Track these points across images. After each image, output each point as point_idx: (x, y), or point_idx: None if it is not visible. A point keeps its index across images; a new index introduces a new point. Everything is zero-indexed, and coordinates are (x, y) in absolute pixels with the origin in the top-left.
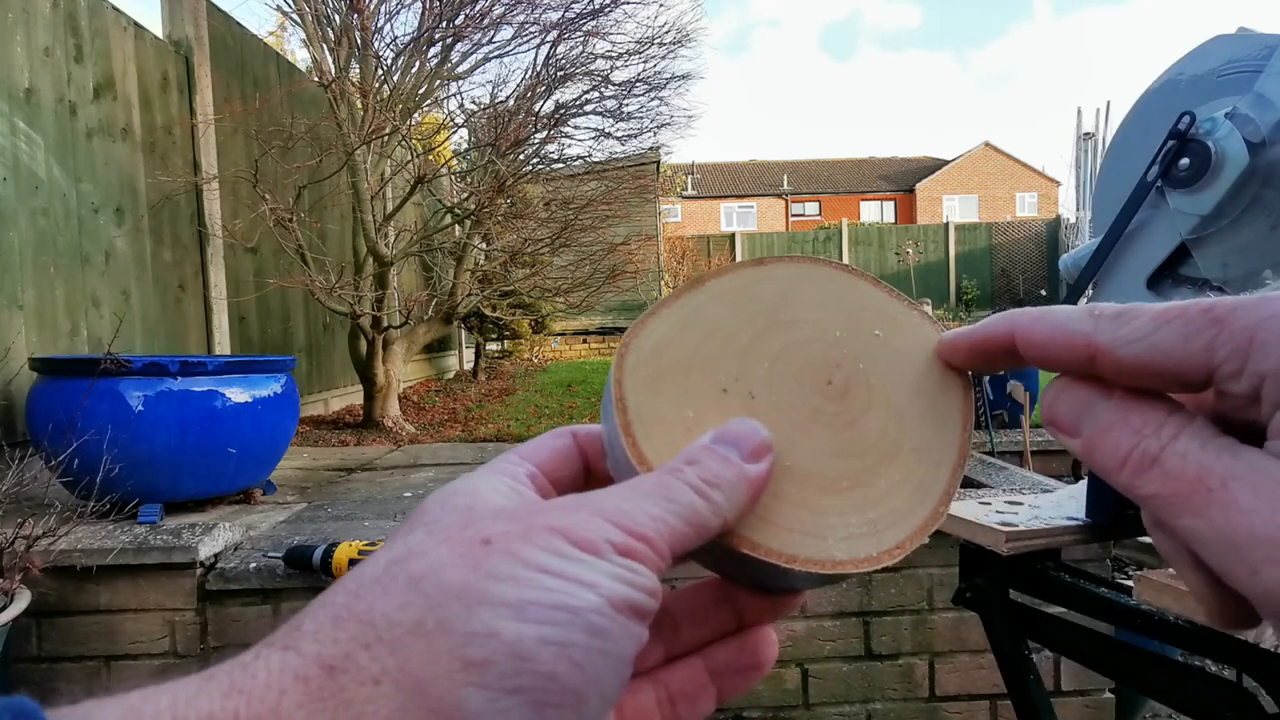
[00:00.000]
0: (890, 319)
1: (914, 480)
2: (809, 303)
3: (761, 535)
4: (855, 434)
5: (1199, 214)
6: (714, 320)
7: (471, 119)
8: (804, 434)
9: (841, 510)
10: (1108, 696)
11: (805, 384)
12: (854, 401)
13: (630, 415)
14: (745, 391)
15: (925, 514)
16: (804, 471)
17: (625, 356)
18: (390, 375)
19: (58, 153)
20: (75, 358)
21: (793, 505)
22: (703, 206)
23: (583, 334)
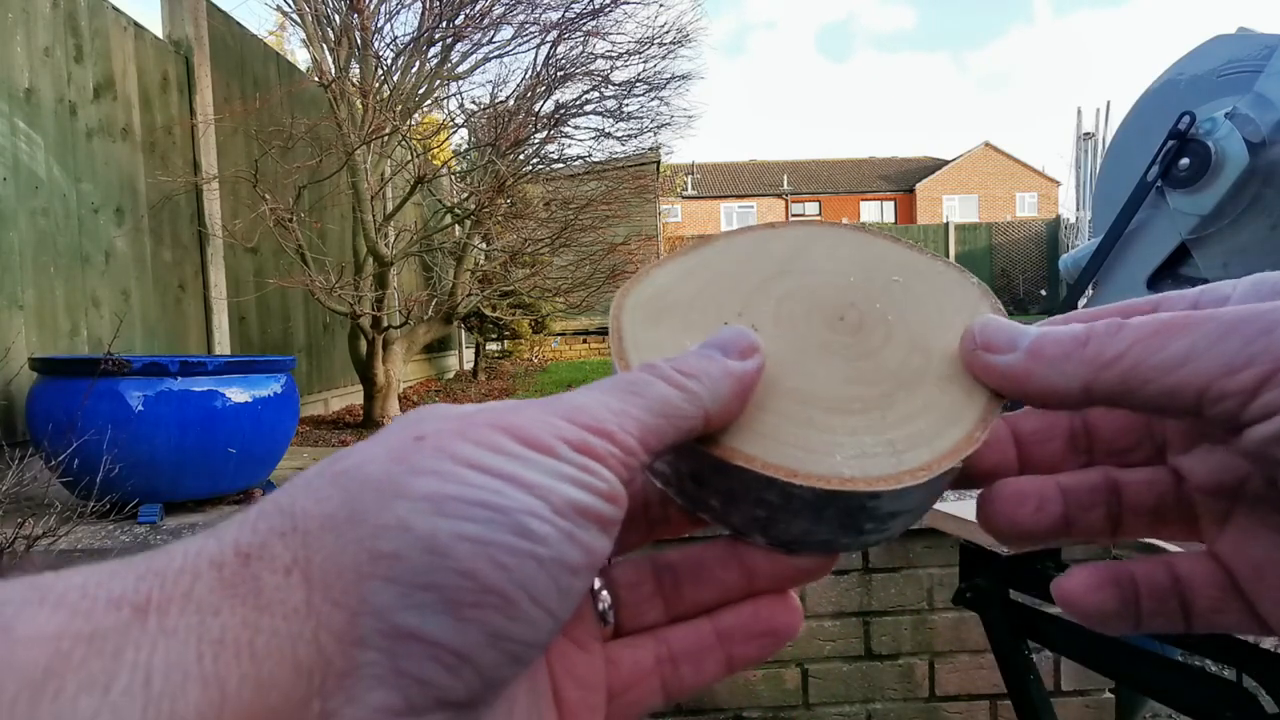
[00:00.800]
0: (910, 268)
1: (941, 406)
2: (821, 255)
3: (759, 449)
4: (871, 364)
5: (1199, 214)
6: (720, 269)
7: (471, 119)
8: (812, 361)
9: (853, 429)
10: (1108, 696)
11: (815, 320)
12: (870, 336)
13: (626, 343)
14: (748, 324)
15: (956, 437)
16: (810, 393)
17: (626, 297)
18: (390, 375)
19: (58, 153)
20: (75, 358)
21: (797, 423)
22: (703, 206)
23: (583, 334)
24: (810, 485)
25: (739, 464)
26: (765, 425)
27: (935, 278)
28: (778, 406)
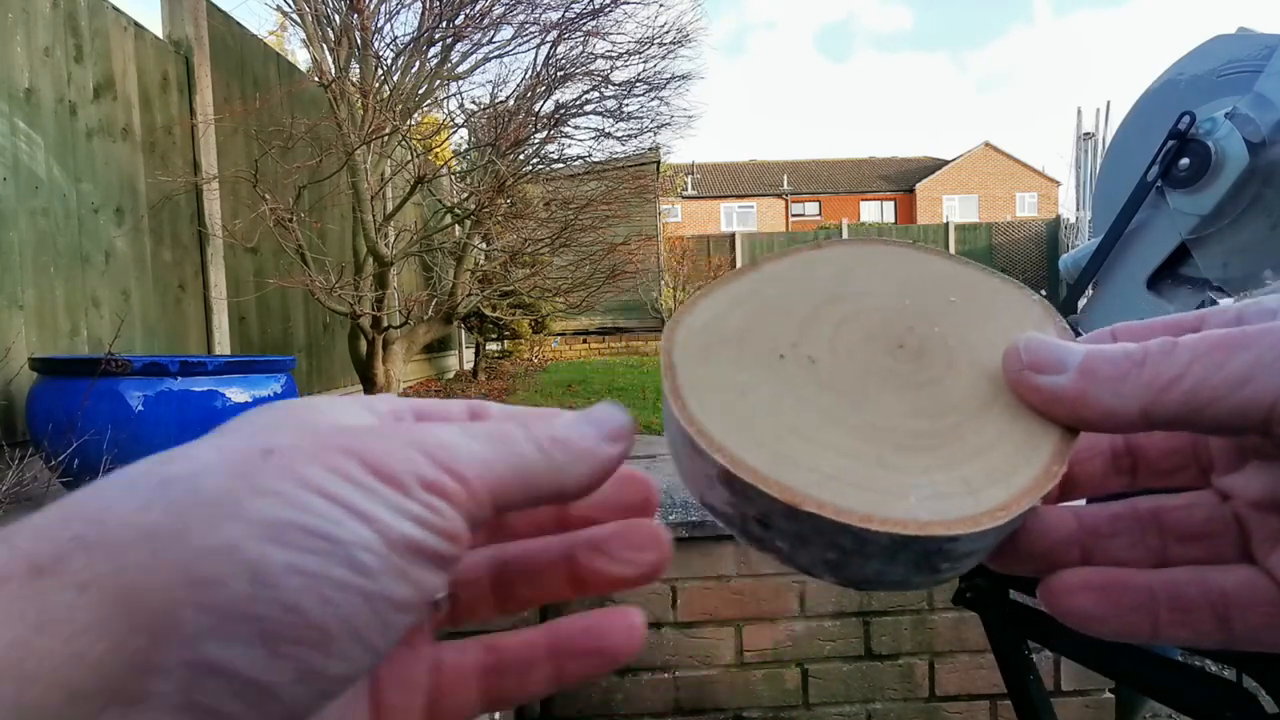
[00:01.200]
0: (965, 285)
1: (1013, 438)
2: (871, 276)
3: (829, 493)
4: (937, 392)
5: (1199, 214)
6: (769, 298)
7: (471, 119)
8: (875, 393)
9: (926, 468)
10: (1108, 696)
11: (874, 348)
12: (932, 363)
13: (680, 380)
14: (804, 356)
15: (1034, 471)
16: (877, 429)
17: (675, 331)
18: (390, 375)
19: (58, 153)
20: (75, 358)
21: (866, 463)
22: (703, 206)
23: (583, 334)
24: (886, 531)
25: (810, 510)
26: (834, 465)
27: (993, 296)
28: (844, 445)
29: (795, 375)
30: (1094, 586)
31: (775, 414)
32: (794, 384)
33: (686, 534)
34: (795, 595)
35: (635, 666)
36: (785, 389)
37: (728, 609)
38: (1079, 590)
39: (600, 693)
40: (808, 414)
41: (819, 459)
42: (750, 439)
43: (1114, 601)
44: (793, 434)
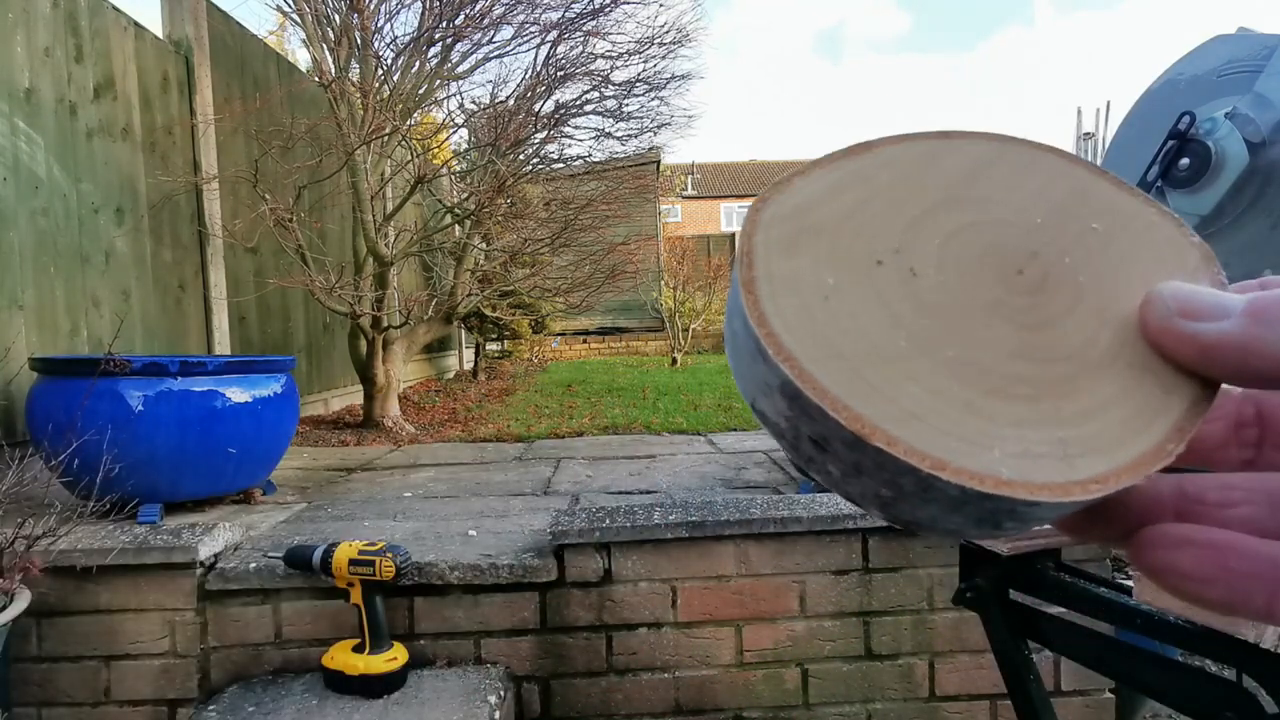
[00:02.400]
0: (1115, 213)
1: (1130, 404)
2: (1004, 183)
3: (906, 431)
4: (1049, 337)
5: (1199, 214)
6: (878, 185)
7: (471, 119)
8: (978, 324)
9: (1019, 421)
10: (1108, 696)
11: (987, 270)
12: (1052, 299)
13: (756, 270)
14: (905, 266)
15: (1145, 447)
16: (972, 367)
17: (761, 211)
18: (390, 375)
19: (58, 153)
20: (75, 358)
21: (953, 405)
22: (703, 206)
23: (583, 334)
24: (960, 483)
25: (878, 445)
26: (914, 400)
27: (1145, 231)
28: (932, 379)
29: (891, 288)
30: (1199, 544)
31: (859, 329)
32: (888, 298)
33: (686, 534)
34: (795, 595)
35: (635, 666)
36: (876, 302)
37: (728, 609)
38: (1179, 545)
39: (600, 692)
40: (896, 336)
41: (899, 390)
42: (824, 353)
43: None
44: (875, 356)
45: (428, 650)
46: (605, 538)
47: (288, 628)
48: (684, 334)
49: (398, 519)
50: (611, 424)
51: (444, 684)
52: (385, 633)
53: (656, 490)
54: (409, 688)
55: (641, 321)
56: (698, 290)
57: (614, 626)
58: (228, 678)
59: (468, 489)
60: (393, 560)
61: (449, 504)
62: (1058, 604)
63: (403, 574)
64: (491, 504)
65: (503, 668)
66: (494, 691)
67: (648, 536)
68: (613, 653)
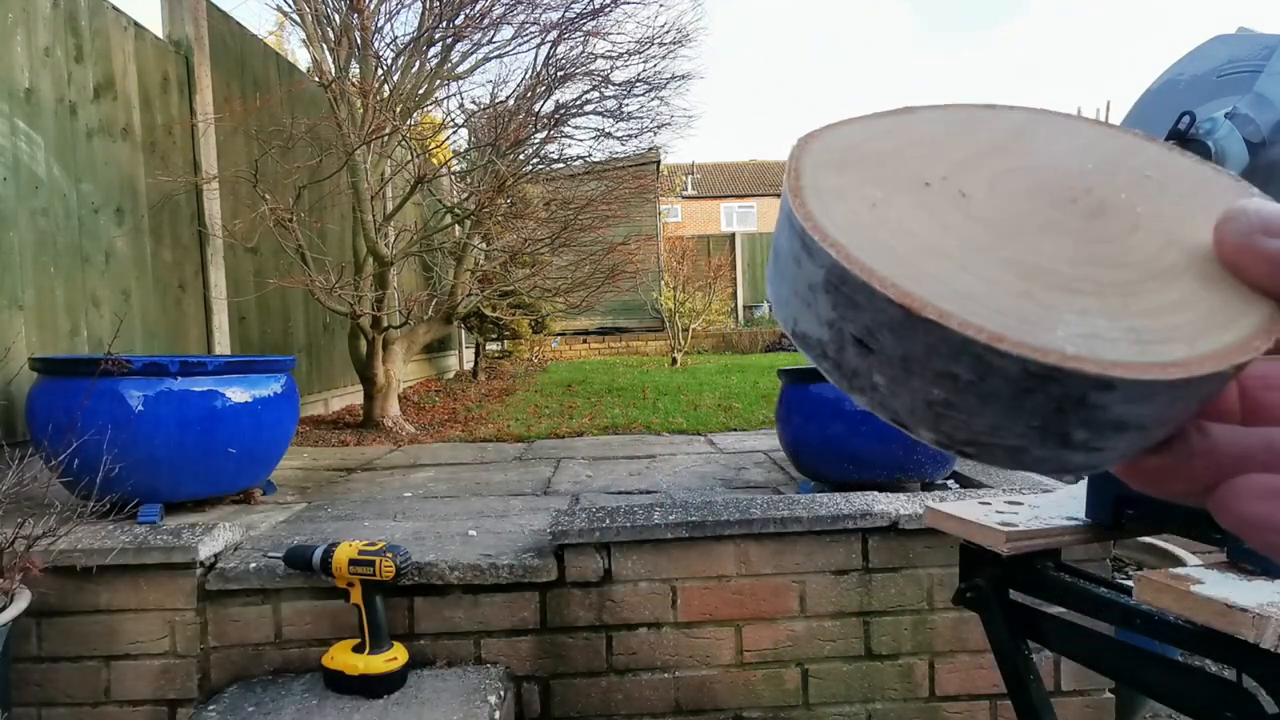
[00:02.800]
0: (1170, 165)
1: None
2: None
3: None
4: (1112, 248)
5: None
6: (923, 134)
7: (471, 119)
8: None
9: (1084, 309)
10: (1108, 696)
11: (1039, 198)
12: (1112, 223)
13: (803, 181)
14: (954, 189)
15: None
16: (1030, 266)
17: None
18: (390, 375)
19: (58, 153)
20: (75, 358)
21: (1010, 292)
22: (703, 206)
23: (583, 334)
24: (1021, 355)
25: (929, 317)
26: (969, 286)
27: (1201, 181)
28: (987, 271)
29: (940, 202)
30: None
31: (908, 230)
32: (937, 210)
33: (686, 534)
34: (795, 595)
35: (635, 666)
36: (925, 212)
37: (728, 609)
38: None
39: (600, 692)
40: (948, 237)
41: (953, 277)
42: (873, 243)
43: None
44: (926, 249)
45: (428, 650)
46: (605, 538)
47: (288, 628)
48: (684, 334)
49: (398, 519)
50: (611, 424)
51: (444, 684)
52: (385, 633)
53: (656, 490)
54: (409, 688)
55: (641, 321)
56: (698, 290)
57: (614, 626)
58: (228, 678)
59: (468, 489)
60: (393, 560)
61: (449, 504)
62: (1058, 604)
63: (403, 574)
64: (491, 504)
65: (503, 668)
66: (494, 691)
67: (648, 536)
68: (613, 653)
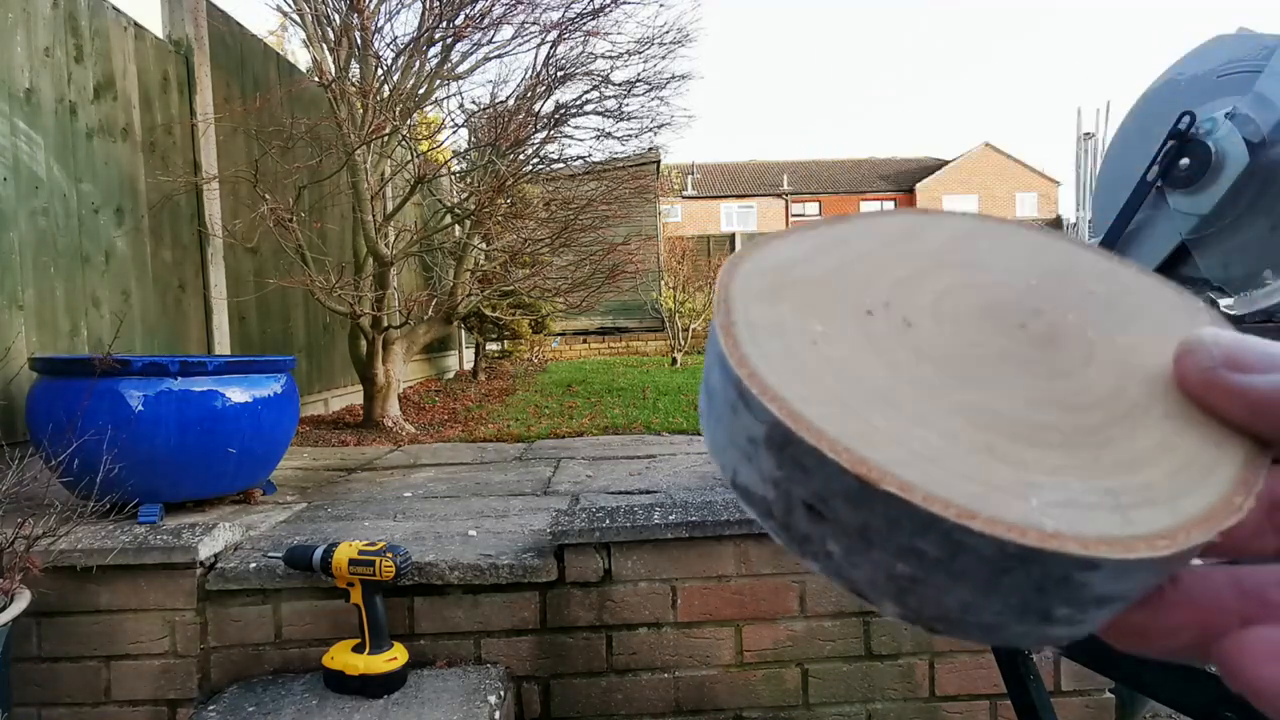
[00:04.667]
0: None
1: (1179, 456)
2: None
3: (919, 474)
4: (1070, 385)
5: (1199, 214)
6: (860, 249)
7: (471, 119)
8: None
9: (1055, 468)
10: (1108, 696)
11: (987, 325)
12: (1064, 352)
13: (735, 317)
14: (898, 318)
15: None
16: (990, 412)
17: (738, 266)
18: (390, 375)
19: (58, 153)
20: (75, 358)
21: (970, 448)
22: (703, 206)
23: (583, 334)
24: (994, 535)
25: (890, 490)
26: (927, 445)
27: (1146, 294)
28: (944, 422)
29: (885, 336)
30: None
31: (854, 374)
32: (883, 345)
33: (687, 534)
34: (795, 595)
35: (635, 666)
36: (870, 349)
37: (728, 609)
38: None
39: (600, 692)
40: (897, 381)
41: (907, 433)
42: (818, 394)
43: None
44: (876, 398)
45: (428, 650)
46: (605, 538)
47: (288, 628)
48: (684, 334)
49: (398, 519)
50: (611, 424)
51: (444, 684)
52: (385, 633)
53: (656, 490)
54: (409, 688)
55: (641, 321)
56: (698, 290)
57: (614, 626)
58: (228, 678)
59: (468, 489)
60: (393, 560)
61: (449, 504)
62: None
63: (403, 574)
64: (491, 504)
65: (503, 668)
66: (494, 691)
67: (648, 536)
68: (613, 653)
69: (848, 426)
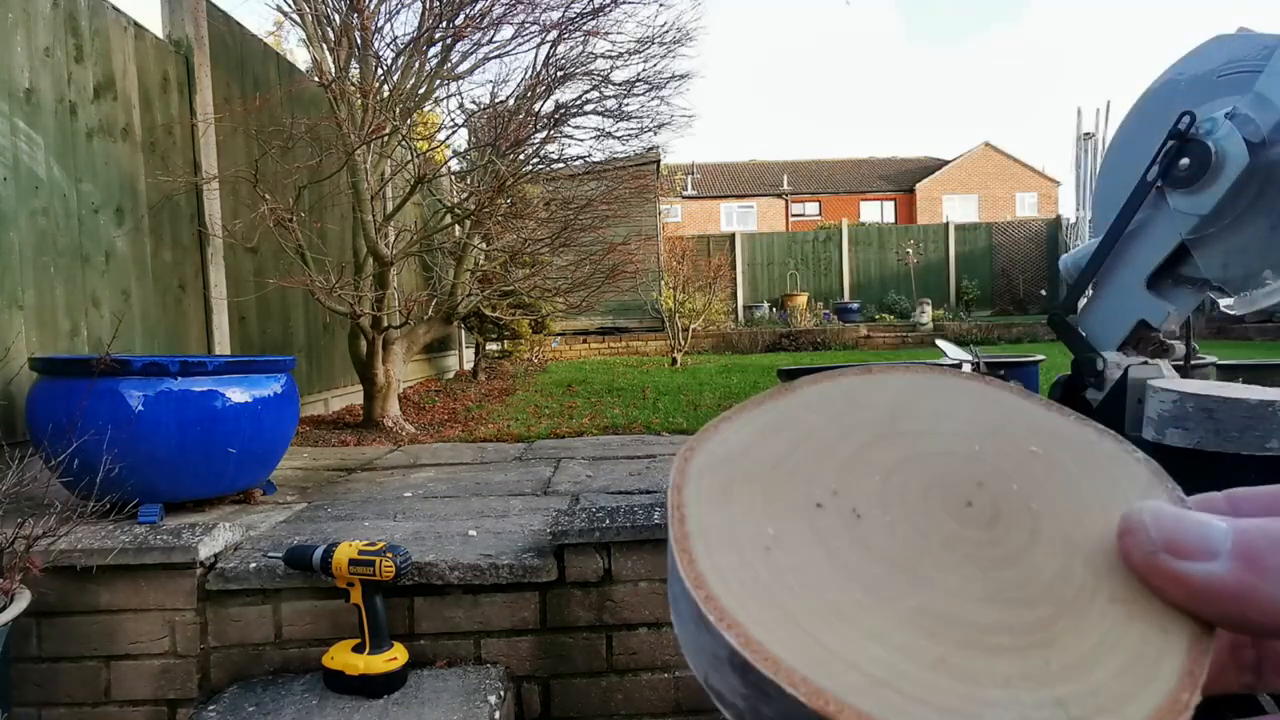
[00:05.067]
0: (1051, 434)
1: (1127, 648)
2: (933, 414)
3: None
4: (1018, 574)
5: (1199, 214)
6: (808, 427)
7: (471, 119)
8: (936, 566)
9: (1006, 679)
10: None
11: (934, 505)
12: (1010, 531)
13: (689, 526)
14: (847, 508)
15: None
16: (939, 617)
17: (689, 461)
18: (390, 375)
19: (58, 153)
20: (75, 358)
21: (923, 665)
22: (703, 206)
23: (583, 334)
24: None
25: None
26: (882, 665)
27: (1085, 449)
28: (896, 635)
29: (836, 532)
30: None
31: (807, 584)
32: (833, 545)
33: None
34: None
35: (635, 666)
36: (822, 550)
37: None
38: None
39: (600, 692)
40: (850, 587)
41: (860, 652)
42: (774, 615)
43: None
44: (829, 613)
45: (428, 650)
46: (605, 538)
47: (288, 628)
48: (684, 334)
49: (398, 519)
50: (611, 424)
51: (444, 684)
52: (385, 633)
53: (656, 490)
54: (409, 688)
55: (641, 321)
56: (698, 290)
57: (614, 626)
58: (228, 678)
59: (468, 489)
60: (393, 560)
61: (449, 504)
62: None
63: (403, 574)
64: (491, 504)
65: (503, 668)
66: (494, 691)
67: (648, 536)
68: (613, 652)
69: (804, 652)
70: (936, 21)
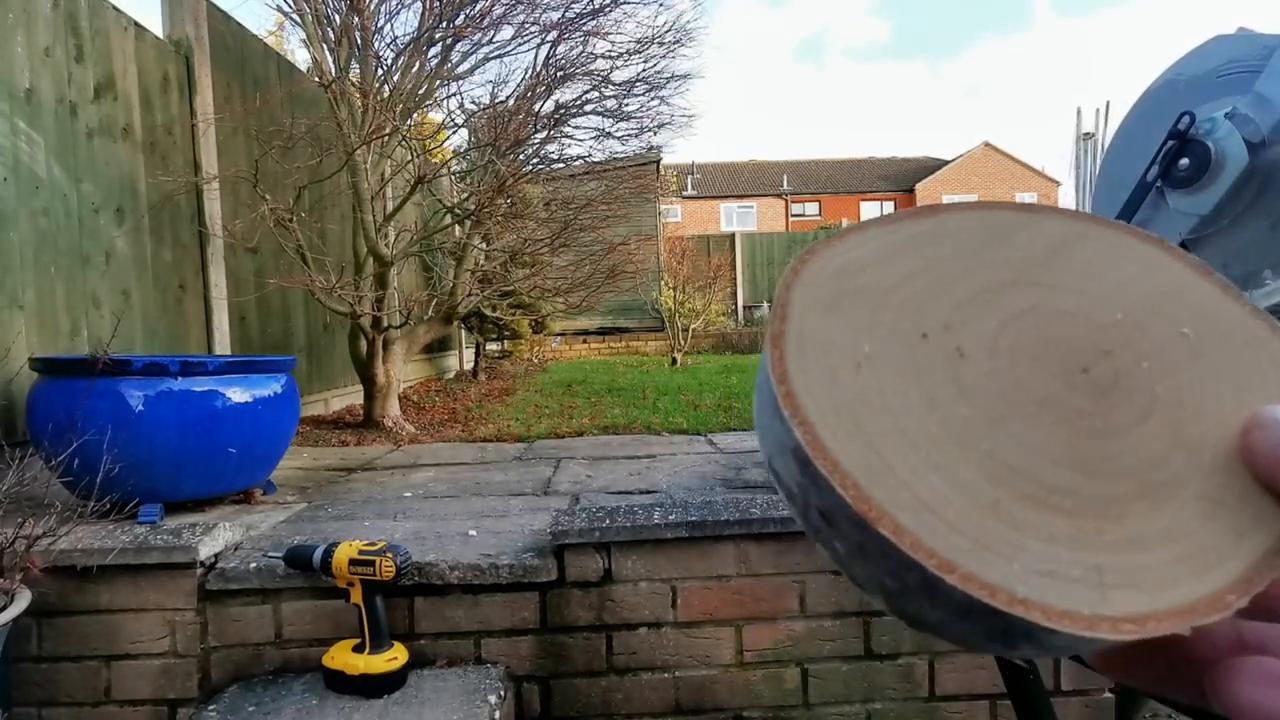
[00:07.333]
0: (1212, 319)
1: (1193, 541)
2: (1085, 270)
3: (916, 521)
4: (1109, 448)
5: (1199, 214)
6: (936, 256)
7: (471, 119)
8: (1024, 421)
9: (1051, 535)
10: (1107, 696)
11: (1047, 361)
12: (1119, 407)
13: (788, 325)
14: (952, 345)
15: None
16: (1008, 466)
17: (805, 264)
18: (390, 375)
19: (58, 153)
20: (75, 358)
21: (975, 502)
22: (703, 206)
23: (583, 334)
24: (966, 591)
25: (883, 533)
26: (933, 491)
27: (1245, 346)
28: (958, 472)
29: (933, 366)
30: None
31: (887, 406)
32: (927, 376)
33: (686, 534)
34: (795, 595)
35: (635, 666)
36: (914, 379)
37: (728, 609)
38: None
39: (600, 692)
40: (928, 419)
41: (918, 476)
42: (844, 424)
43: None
44: (900, 437)
45: (428, 650)
46: (605, 538)
47: (288, 628)
48: (684, 334)
49: (398, 519)
50: (611, 424)
51: (444, 684)
52: (385, 632)
53: (656, 490)
54: (409, 687)
55: (641, 321)
56: (698, 290)
57: (614, 626)
58: (228, 678)
59: (468, 489)
60: (393, 560)
61: (449, 504)
62: None
63: (403, 574)
64: (491, 504)
65: (503, 667)
66: (494, 691)
67: (648, 536)
68: (613, 652)
69: (864, 461)
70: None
